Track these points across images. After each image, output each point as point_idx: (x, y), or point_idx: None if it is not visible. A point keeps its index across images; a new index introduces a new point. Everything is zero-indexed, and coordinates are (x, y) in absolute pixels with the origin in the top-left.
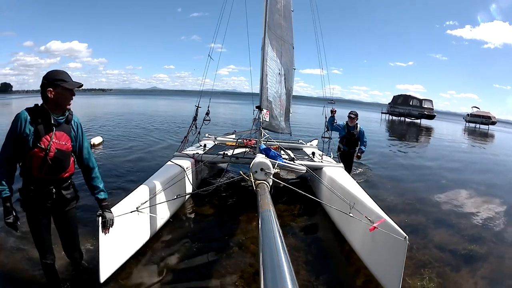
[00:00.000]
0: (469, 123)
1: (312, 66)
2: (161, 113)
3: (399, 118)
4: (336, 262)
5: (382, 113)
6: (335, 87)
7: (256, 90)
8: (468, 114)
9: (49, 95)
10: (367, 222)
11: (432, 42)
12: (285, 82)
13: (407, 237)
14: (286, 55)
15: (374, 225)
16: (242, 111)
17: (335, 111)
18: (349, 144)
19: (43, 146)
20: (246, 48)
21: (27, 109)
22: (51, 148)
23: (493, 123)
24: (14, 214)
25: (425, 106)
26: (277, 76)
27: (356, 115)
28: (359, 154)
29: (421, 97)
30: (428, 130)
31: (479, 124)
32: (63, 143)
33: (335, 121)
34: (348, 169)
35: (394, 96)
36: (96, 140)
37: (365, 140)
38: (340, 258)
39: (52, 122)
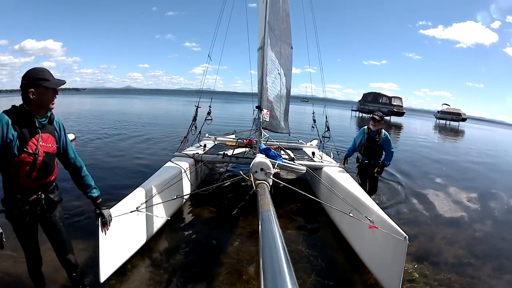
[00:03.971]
0: (440, 120)
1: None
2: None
3: (368, 115)
4: (336, 262)
5: (352, 110)
6: (310, 85)
7: (253, 90)
8: (438, 111)
9: (31, 96)
10: (366, 221)
11: (406, 42)
12: (285, 82)
13: (407, 237)
14: (284, 55)
15: (375, 226)
16: (229, 110)
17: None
18: (368, 154)
19: (30, 151)
20: (219, 47)
21: (6, 112)
22: (39, 152)
23: (463, 119)
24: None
25: (395, 103)
26: (276, 76)
27: (382, 117)
28: (378, 169)
29: (390, 95)
30: (397, 127)
31: (449, 121)
32: (50, 145)
33: (351, 150)
34: (371, 188)
35: (364, 94)
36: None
37: (391, 150)
38: (340, 258)
39: (37, 124)
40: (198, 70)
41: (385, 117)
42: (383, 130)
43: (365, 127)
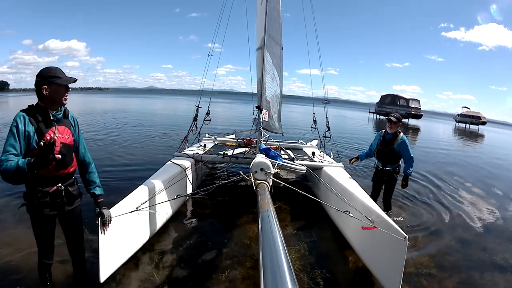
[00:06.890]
0: (459, 123)
1: (309, 66)
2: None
3: (386, 117)
4: (336, 262)
5: (369, 112)
6: (332, 87)
7: (253, 90)
8: (458, 114)
9: (44, 92)
10: (366, 222)
11: (428, 44)
12: (279, 82)
13: (407, 237)
14: (277, 56)
15: (373, 226)
16: (241, 110)
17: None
18: (382, 158)
19: None
20: (243, 48)
21: (23, 111)
22: (56, 143)
23: (483, 123)
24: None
25: (412, 105)
26: (272, 76)
27: (399, 119)
28: (403, 182)
29: (408, 97)
30: (414, 130)
31: (468, 124)
32: (66, 137)
33: (364, 153)
34: (385, 198)
35: (382, 96)
36: None
37: (410, 156)
38: (340, 258)
39: (52, 118)
40: (220, 71)
41: (402, 120)
42: (401, 134)
43: (383, 130)
